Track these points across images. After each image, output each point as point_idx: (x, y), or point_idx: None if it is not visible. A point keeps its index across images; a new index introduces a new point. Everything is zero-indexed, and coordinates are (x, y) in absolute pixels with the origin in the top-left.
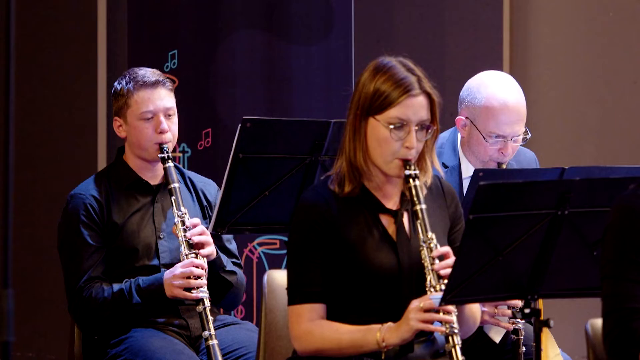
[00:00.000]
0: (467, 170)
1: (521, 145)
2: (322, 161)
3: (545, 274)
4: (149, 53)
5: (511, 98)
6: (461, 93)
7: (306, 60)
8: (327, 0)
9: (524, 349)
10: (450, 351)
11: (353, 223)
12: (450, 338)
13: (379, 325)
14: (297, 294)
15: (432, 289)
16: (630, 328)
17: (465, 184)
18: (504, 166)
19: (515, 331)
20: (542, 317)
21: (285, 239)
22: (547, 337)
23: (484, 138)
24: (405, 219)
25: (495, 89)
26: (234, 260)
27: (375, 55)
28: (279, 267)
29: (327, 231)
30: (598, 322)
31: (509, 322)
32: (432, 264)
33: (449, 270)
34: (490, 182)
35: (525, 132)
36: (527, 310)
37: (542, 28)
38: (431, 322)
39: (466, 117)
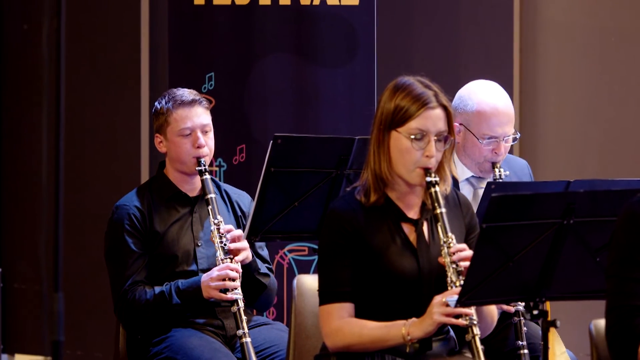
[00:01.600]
0: (463, 174)
1: (512, 143)
2: (347, 175)
3: (552, 278)
4: (187, 75)
5: (500, 102)
6: (453, 102)
7: (332, 82)
8: (352, 27)
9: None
10: (470, 341)
11: (378, 231)
12: (470, 329)
13: (403, 321)
14: (327, 294)
15: (452, 285)
16: (632, 324)
17: (462, 186)
18: (498, 165)
19: (517, 313)
20: (549, 318)
21: (313, 246)
22: (553, 336)
23: (478, 140)
24: (425, 228)
25: (484, 95)
26: (266, 265)
27: (396, 77)
28: (307, 272)
29: (354, 237)
30: (601, 322)
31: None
32: (451, 261)
33: (467, 263)
34: (502, 194)
35: (515, 133)
36: (535, 312)
37: (549, 52)
38: (452, 315)
39: (460, 124)
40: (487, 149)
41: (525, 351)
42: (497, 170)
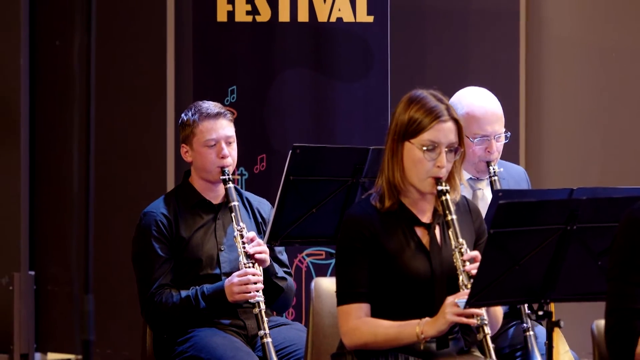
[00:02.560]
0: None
1: (503, 142)
2: (362, 183)
3: (556, 280)
4: (211, 88)
5: (488, 103)
6: None
7: (348, 95)
8: (367, 43)
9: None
10: (481, 340)
11: (392, 234)
12: (481, 329)
13: (417, 320)
14: (345, 295)
15: (463, 287)
16: (631, 326)
17: (461, 189)
18: (494, 164)
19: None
20: (553, 319)
21: (330, 250)
22: (557, 336)
23: (471, 140)
24: (437, 231)
25: (473, 98)
26: (285, 269)
27: (409, 91)
28: (324, 274)
29: (370, 241)
30: (602, 322)
31: None
32: (463, 266)
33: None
34: (509, 201)
35: (506, 132)
36: (540, 313)
37: (553, 66)
38: (464, 315)
39: None
40: (480, 148)
41: (531, 332)
42: (491, 168)
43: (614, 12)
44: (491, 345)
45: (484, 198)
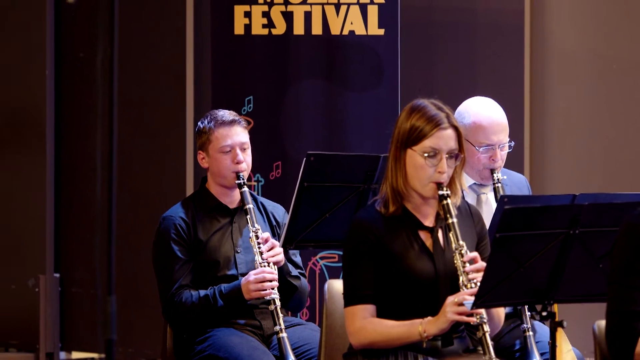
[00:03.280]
0: (466, 182)
1: (507, 151)
2: (373, 189)
3: (559, 282)
4: (228, 98)
5: (494, 113)
6: None
7: (359, 105)
8: (378, 55)
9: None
10: (481, 338)
11: (397, 238)
12: (480, 327)
13: (420, 320)
14: (351, 296)
15: (464, 287)
16: (630, 327)
17: (466, 194)
18: (497, 171)
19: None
20: (557, 319)
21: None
22: (561, 335)
23: (476, 148)
24: (440, 234)
25: (479, 108)
26: (299, 270)
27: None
28: (337, 277)
29: (376, 244)
30: (603, 323)
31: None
32: (463, 267)
33: (478, 274)
34: (514, 206)
35: (510, 141)
36: (544, 313)
37: (556, 78)
38: (464, 314)
39: None
40: (485, 156)
41: (530, 333)
42: (495, 175)
43: (614, 26)
44: (490, 343)
45: (488, 202)
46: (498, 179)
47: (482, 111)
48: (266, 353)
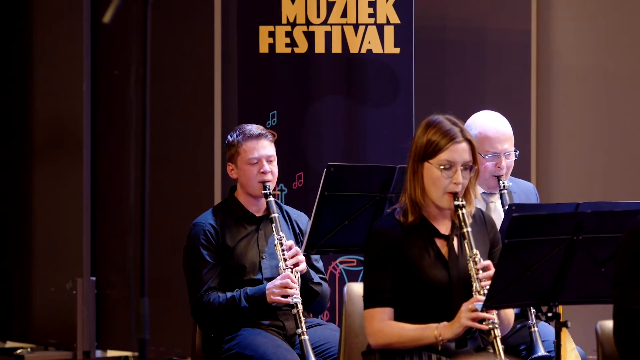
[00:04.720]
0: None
1: (513, 159)
2: (389, 198)
3: (564, 285)
4: (254, 113)
5: (499, 124)
6: None
7: (377, 119)
8: (394, 72)
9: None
10: (492, 341)
11: (414, 245)
12: (492, 332)
13: (435, 324)
14: (371, 299)
15: (476, 294)
16: (636, 325)
17: (475, 202)
18: (503, 179)
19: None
20: (561, 319)
21: (361, 258)
22: (565, 335)
23: (483, 157)
24: (455, 242)
25: (486, 120)
26: (320, 275)
27: (432, 114)
28: (356, 280)
29: (394, 251)
30: (606, 323)
31: None
32: (477, 274)
33: (489, 281)
34: (521, 214)
35: (515, 150)
36: (549, 314)
37: (561, 93)
38: (478, 320)
39: None
40: (491, 164)
41: (536, 329)
42: (501, 182)
43: (615, 44)
44: (501, 347)
45: (496, 210)
46: (504, 186)
47: (488, 122)
48: (290, 351)
